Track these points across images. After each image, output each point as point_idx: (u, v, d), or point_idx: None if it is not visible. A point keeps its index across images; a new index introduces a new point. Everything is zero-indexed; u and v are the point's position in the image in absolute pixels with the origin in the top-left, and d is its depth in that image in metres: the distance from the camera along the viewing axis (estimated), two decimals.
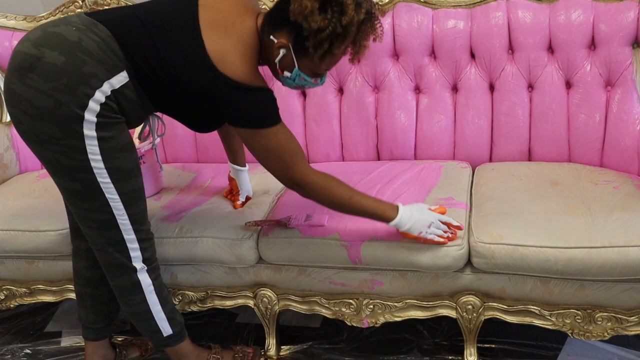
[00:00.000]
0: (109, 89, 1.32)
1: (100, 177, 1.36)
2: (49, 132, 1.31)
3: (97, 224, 1.44)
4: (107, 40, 1.33)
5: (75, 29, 1.32)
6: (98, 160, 1.34)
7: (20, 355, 1.96)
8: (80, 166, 1.34)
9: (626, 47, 1.84)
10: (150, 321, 1.58)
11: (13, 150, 2.20)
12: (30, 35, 1.34)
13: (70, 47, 1.29)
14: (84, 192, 1.39)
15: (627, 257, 1.43)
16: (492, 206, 1.64)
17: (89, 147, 1.32)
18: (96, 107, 1.30)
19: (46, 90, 1.27)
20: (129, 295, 1.54)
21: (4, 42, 2.20)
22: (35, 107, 1.29)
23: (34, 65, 1.28)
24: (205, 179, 2.00)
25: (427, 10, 1.98)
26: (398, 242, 1.55)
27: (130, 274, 1.51)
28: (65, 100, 1.28)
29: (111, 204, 1.40)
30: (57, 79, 1.27)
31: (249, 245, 1.66)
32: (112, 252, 1.47)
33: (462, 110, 2.00)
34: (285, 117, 2.08)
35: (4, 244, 1.79)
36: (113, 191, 1.39)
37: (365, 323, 1.72)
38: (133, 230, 1.46)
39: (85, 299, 1.69)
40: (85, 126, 1.30)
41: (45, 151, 1.35)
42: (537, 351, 1.78)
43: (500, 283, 1.59)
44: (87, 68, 1.29)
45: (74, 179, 1.37)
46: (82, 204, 1.42)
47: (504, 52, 1.94)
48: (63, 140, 1.31)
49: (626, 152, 1.83)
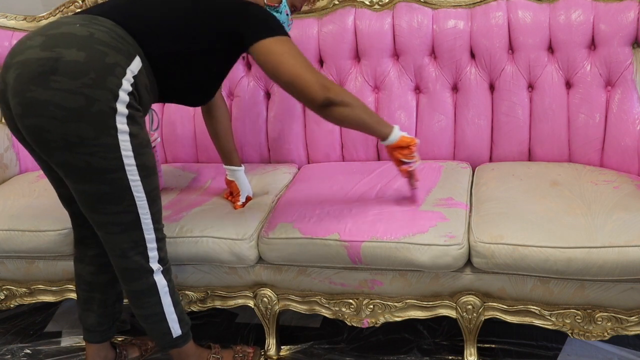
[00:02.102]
0: (131, 76, 1.32)
1: (131, 175, 1.35)
2: (81, 134, 1.28)
3: (121, 226, 1.41)
4: (114, 29, 1.33)
5: (79, 25, 1.31)
6: (130, 157, 1.33)
7: (20, 355, 1.96)
8: (112, 166, 1.33)
9: (626, 47, 1.84)
10: (162, 323, 1.56)
11: (13, 150, 2.20)
12: (32, 42, 1.30)
13: (86, 42, 1.28)
14: (112, 194, 1.36)
15: (627, 257, 1.43)
16: (492, 206, 1.64)
17: (122, 144, 1.31)
18: (125, 98, 1.30)
19: (75, 89, 1.25)
20: (145, 298, 1.52)
21: (4, 42, 2.20)
22: (65, 110, 1.25)
23: (54, 67, 1.25)
24: (205, 180, 2.00)
25: (427, 10, 1.98)
26: (398, 242, 1.55)
27: (148, 276, 1.49)
28: (96, 95, 1.26)
29: (137, 203, 1.39)
30: (85, 75, 1.25)
31: (249, 245, 1.66)
32: (133, 256, 1.45)
33: (462, 110, 2.00)
34: (285, 117, 2.12)
35: (4, 244, 1.79)
36: (140, 189, 1.38)
37: (365, 323, 1.72)
38: (153, 230, 1.45)
39: (92, 303, 1.66)
40: (118, 120, 1.29)
41: (74, 156, 1.30)
42: (537, 351, 1.78)
43: (500, 283, 1.59)
44: (109, 58, 1.28)
45: (103, 181, 1.34)
46: (107, 208, 1.39)
47: (504, 52, 1.94)
48: (96, 139, 1.29)
49: (626, 152, 1.83)
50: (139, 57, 1.35)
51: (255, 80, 2.11)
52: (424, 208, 1.66)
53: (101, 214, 1.40)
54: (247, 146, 2.14)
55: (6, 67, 1.32)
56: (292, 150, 2.12)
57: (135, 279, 1.49)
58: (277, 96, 2.11)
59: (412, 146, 1.57)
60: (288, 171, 2.04)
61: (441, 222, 1.58)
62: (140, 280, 1.49)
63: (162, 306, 1.53)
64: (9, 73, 1.30)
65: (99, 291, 1.65)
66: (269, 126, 2.12)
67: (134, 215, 1.40)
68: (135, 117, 1.34)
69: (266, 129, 2.13)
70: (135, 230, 1.42)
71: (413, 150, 1.58)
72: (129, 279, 1.50)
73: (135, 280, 1.50)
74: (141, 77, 1.35)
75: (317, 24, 2.04)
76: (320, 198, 1.77)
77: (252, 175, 1.90)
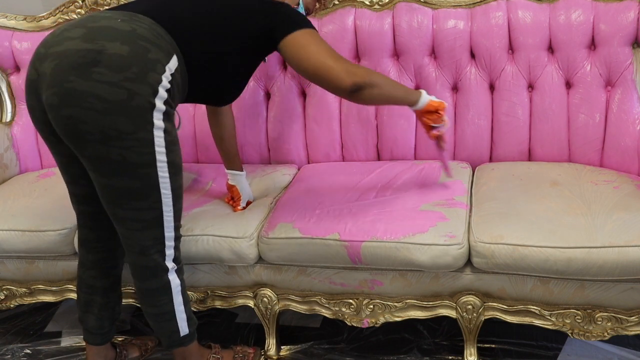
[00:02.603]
0: (169, 74, 1.33)
1: (161, 172, 1.36)
2: (119, 127, 1.28)
3: (143, 223, 1.42)
4: (154, 27, 1.35)
5: (120, 20, 1.33)
6: (162, 153, 1.35)
7: (20, 355, 1.96)
8: (146, 161, 1.33)
9: (626, 47, 1.84)
10: (171, 321, 1.55)
11: (13, 150, 2.20)
12: (70, 33, 1.30)
13: (129, 36, 1.29)
14: (141, 189, 1.37)
15: (627, 257, 1.43)
16: (492, 206, 1.64)
17: (157, 139, 1.33)
18: (164, 94, 1.32)
19: (118, 82, 1.25)
20: (158, 296, 1.51)
21: (4, 42, 2.20)
22: (106, 102, 1.26)
23: (97, 59, 1.25)
24: (206, 181, 2.00)
25: (427, 10, 1.98)
26: (398, 242, 1.55)
27: (163, 275, 1.49)
28: (137, 89, 1.27)
29: (163, 200, 1.39)
30: (127, 69, 1.26)
31: (249, 243, 1.66)
32: (153, 254, 1.45)
33: (462, 110, 2.00)
34: (285, 117, 2.12)
35: (4, 244, 1.79)
36: (168, 186, 1.39)
37: (365, 323, 1.72)
38: (173, 228, 1.46)
39: (92, 306, 1.66)
40: (155, 115, 1.31)
41: (109, 149, 1.30)
42: (537, 351, 1.78)
43: (500, 283, 1.59)
44: (151, 54, 1.30)
45: (135, 176, 1.35)
46: (133, 204, 1.39)
47: (504, 52, 1.94)
48: (134, 133, 1.30)
49: (626, 152, 1.83)
50: (176, 56, 1.37)
51: (255, 81, 2.11)
52: (424, 208, 1.66)
53: (126, 210, 1.40)
54: (247, 146, 2.14)
55: (40, 58, 1.32)
56: (292, 150, 2.12)
57: (151, 277, 1.49)
58: (277, 96, 2.11)
59: (440, 110, 1.58)
60: (288, 172, 2.04)
61: (441, 222, 1.58)
62: (155, 278, 1.49)
63: (173, 305, 1.53)
64: (44, 63, 1.30)
65: (100, 295, 1.65)
66: (269, 126, 2.12)
67: (158, 212, 1.40)
68: (170, 114, 1.36)
69: (266, 129, 2.13)
70: (157, 228, 1.43)
71: (442, 115, 1.58)
72: (145, 277, 1.50)
73: (151, 278, 1.49)
74: (176, 76, 1.37)
75: (317, 24, 2.03)
76: (320, 198, 1.77)
77: (251, 177, 1.90)
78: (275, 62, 2.09)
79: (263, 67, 2.05)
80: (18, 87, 2.23)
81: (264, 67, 2.06)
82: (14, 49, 2.20)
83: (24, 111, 2.24)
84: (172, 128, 1.38)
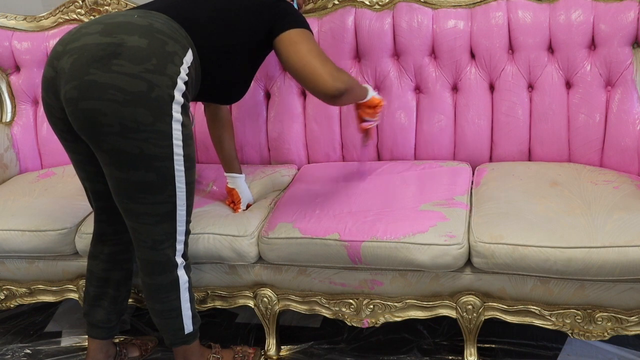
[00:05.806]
0: (187, 66, 1.35)
1: (178, 165, 1.37)
2: (139, 119, 1.29)
3: (157, 217, 1.42)
4: (169, 22, 1.37)
5: (137, 16, 1.35)
6: (179, 146, 1.36)
7: (20, 355, 1.96)
8: (163, 154, 1.34)
9: (626, 47, 1.84)
10: (177, 319, 1.55)
11: (13, 150, 2.21)
12: (88, 29, 1.32)
13: (147, 30, 1.31)
14: (157, 182, 1.37)
15: (627, 257, 1.43)
16: (492, 206, 1.64)
17: (175, 132, 1.34)
18: (182, 86, 1.33)
19: (138, 74, 1.27)
20: (166, 292, 1.52)
21: (4, 42, 2.20)
22: (126, 93, 1.27)
23: (117, 51, 1.27)
24: (206, 182, 2.00)
25: (427, 10, 1.98)
26: (398, 241, 1.55)
27: (172, 270, 1.49)
28: (157, 81, 1.28)
29: (177, 194, 1.40)
30: (147, 60, 1.28)
31: (250, 241, 1.66)
32: (164, 249, 1.46)
33: (462, 110, 2.00)
34: (285, 117, 2.12)
35: (4, 244, 1.79)
36: (183, 180, 1.40)
37: (365, 323, 1.72)
38: (185, 222, 1.47)
39: (103, 299, 1.66)
40: (174, 107, 1.32)
41: (128, 141, 1.31)
42: (537, 351, 1.78)
43: (500, 283, 1.59)
44: (169, 47, 1.32)
45: (151, 168, 1.35)
46: (148, 198, 1.39)
47: (504, 52, 1.94)
48: (152, 125, 1.30)
49: (626, 152, 1.83)
50: (191, 50, 1.39)
51: (255, 81, 2.11)
52: (424, 208, 1.66)
53: (140, 204, 1.41)
54: (247, 146, 2.14)
55: (58, 55, 1.34)
56: (292, 150, 2.12)
57: (161, 272, 1.49)
58: (277, 96, 2.11)
59: (377, 107, 1.65)
60: (287, 173, 2.04)
61: (441, 222, 1.58)
62: (165, 273, 1.49)
63: (180, 302, 1.53)
64: (62, 60, 1.32)
65: (112, 287, 1.66)
66: (269, 126, 2.12)
67: (172, 206, 1.41)
68: (186, 107, 1.38)
69: (266, 129, 2.13)
70: (169, 222, 1.44)
71: (377, 112, 1.66)
72: (155, 272, 1.50)
73: (161, 273, 1.49)
74: (192, 70, 1.39)
75: (317, 23, 2.04)
76: (320, 198, 1.77)
77: (251, 179, 1.89)
78: (275, 62, 2.09)
79: (263, 67, 2.05)
80: (18, 87, 2.23)
81: (264, 67, 2.06)
82: (14, 49, 2.21)
83: (24, 111, 2.25)
84: (188, 122, 1.39)
